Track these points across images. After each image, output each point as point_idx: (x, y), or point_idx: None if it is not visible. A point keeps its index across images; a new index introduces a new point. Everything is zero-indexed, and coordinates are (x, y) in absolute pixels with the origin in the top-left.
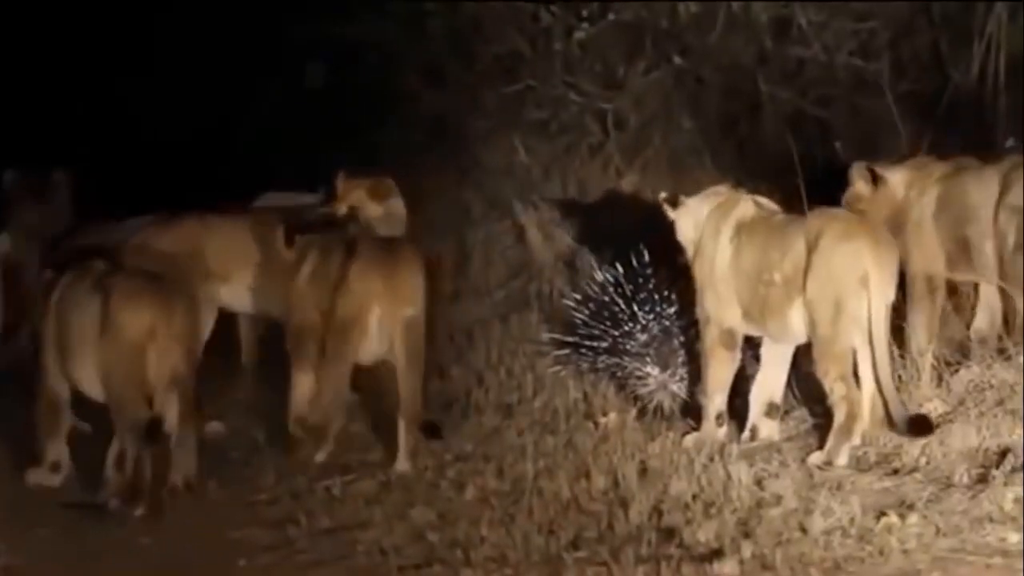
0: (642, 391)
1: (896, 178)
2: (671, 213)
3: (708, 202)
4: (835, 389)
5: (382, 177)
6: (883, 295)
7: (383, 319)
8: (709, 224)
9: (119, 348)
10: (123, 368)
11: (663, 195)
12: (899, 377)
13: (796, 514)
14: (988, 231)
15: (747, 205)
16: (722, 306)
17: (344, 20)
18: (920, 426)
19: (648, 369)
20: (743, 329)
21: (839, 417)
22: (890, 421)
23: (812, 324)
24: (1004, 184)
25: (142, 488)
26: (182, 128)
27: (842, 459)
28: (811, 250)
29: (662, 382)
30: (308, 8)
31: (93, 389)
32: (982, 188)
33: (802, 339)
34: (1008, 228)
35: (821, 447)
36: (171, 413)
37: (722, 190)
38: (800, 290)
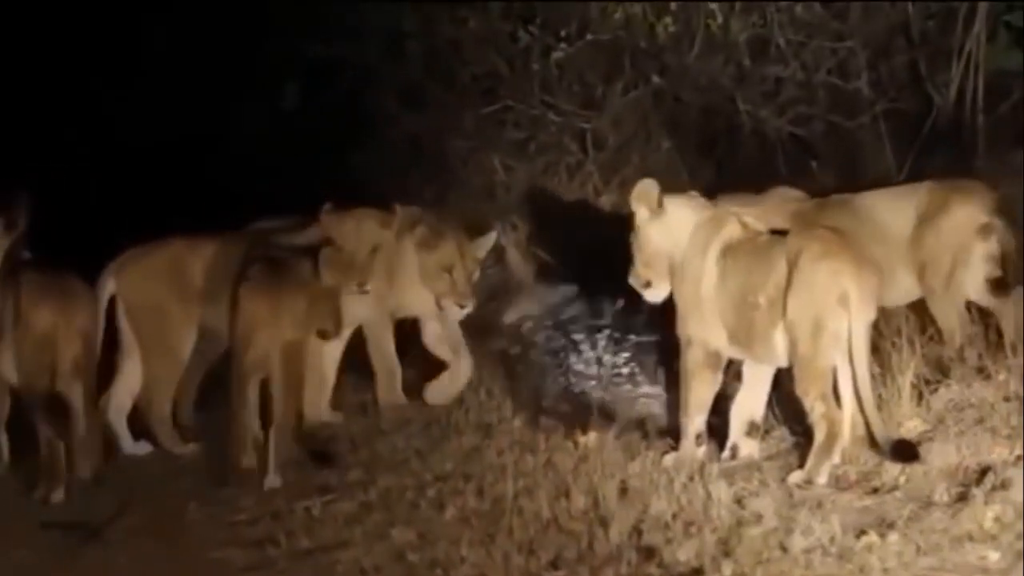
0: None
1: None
2: (643, 211)
3: (691, 218)
4: (815, 408)
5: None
6: (863, 314)
7: (266, 341)
8: (693, 244)
9: (28, 338)
10: (31, 356)
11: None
12: (879, 396)
13: (776, 533)
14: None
15: (734, 226)
16: (707, 328)
17: (322, 41)
18: (904, 452)
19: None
20: (728, 352)
21: (819, 436)
22: (872, 442)
23: (792, 343)
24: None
25: (58, 472)
26: (157, 147)
27: (822, 478)
28: (791, 270)
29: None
30: (285, 28)
31: (10, 373)
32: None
33: (787, 362)
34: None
35: (801, 466)
36: (76, 401)
37: (705, 203)
38: (783, 311)
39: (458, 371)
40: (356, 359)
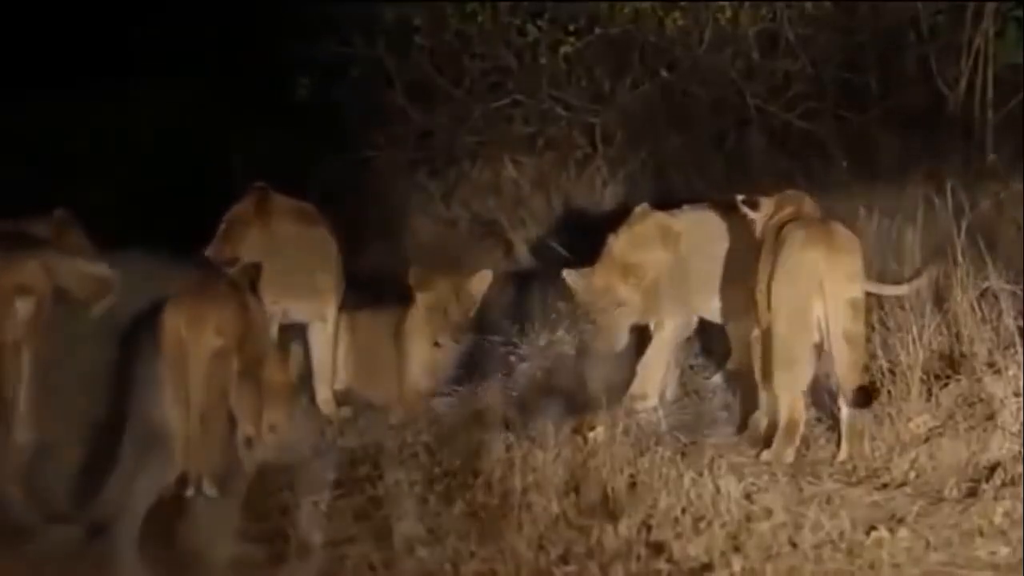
0: None
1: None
2: (752, 214)
3: (770, 209)
4: (780, 396)
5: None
6: (839, 295)
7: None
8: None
9: None
10: None
11: (742, 198)
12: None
13: (786, 528)
14: None
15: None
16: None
17: (330, 35)
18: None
19: None
20: None
21: (781, 423)
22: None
23: (771, 327)
24: None
25: None
26: (166, 143)
27: (788, 457)
28: (776, 258)
29: None
30: (295, 23)
31: None
32: None
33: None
34: None
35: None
36: None
37: (791, 194)
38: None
39: None
40: None
